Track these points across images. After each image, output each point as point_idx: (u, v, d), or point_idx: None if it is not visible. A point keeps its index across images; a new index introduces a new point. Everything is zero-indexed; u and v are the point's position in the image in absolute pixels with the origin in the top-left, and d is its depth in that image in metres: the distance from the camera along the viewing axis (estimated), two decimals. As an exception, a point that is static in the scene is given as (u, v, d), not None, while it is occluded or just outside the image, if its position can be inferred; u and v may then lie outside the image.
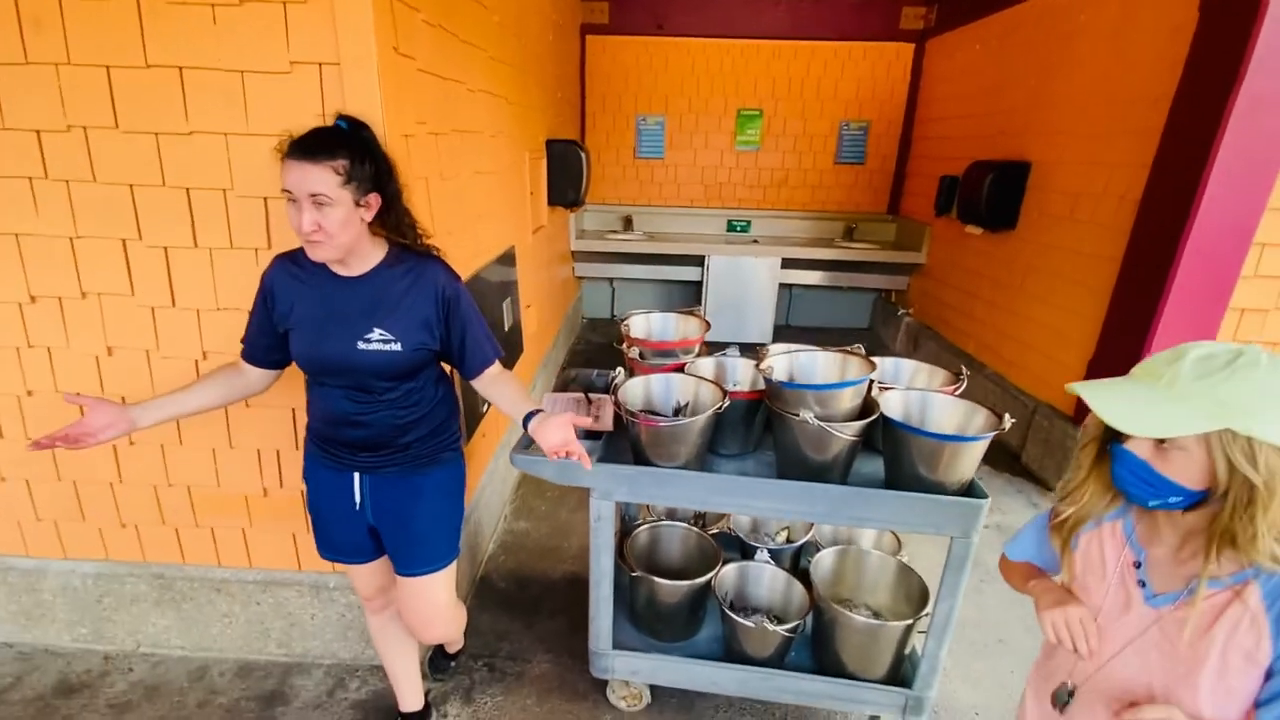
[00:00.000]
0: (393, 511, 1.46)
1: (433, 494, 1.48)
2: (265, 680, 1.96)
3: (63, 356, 1.73)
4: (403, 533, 1.47)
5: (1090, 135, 3.17)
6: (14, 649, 2.03)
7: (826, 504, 1.56)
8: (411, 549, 1.47)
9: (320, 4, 1.41)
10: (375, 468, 1.43)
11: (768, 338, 5.34)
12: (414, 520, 1.46)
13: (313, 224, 1.19)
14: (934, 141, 5.00)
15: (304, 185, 1.17)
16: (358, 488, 1.44)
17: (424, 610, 1.52)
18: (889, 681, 1.74)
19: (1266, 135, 2.45)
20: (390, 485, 1.44)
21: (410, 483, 1.45)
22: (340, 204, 1.20)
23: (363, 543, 1.51)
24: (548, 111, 3.86)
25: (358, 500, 1.45)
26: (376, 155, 1.28)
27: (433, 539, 1.49)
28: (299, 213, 1.19)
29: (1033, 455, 3.39)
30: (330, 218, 1.20)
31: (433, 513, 1.48)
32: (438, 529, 1.49)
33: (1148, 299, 2.74)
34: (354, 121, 1.30)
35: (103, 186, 1.56)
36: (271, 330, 1.36)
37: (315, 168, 1.17)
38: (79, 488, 1.87)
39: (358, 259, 1.32)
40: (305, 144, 1.19)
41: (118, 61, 1.46)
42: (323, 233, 1.20)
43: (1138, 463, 0.87)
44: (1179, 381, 0.83)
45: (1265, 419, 0.77)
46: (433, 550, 1.49)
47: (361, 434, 1.39)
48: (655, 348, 1.87)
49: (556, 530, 2.77)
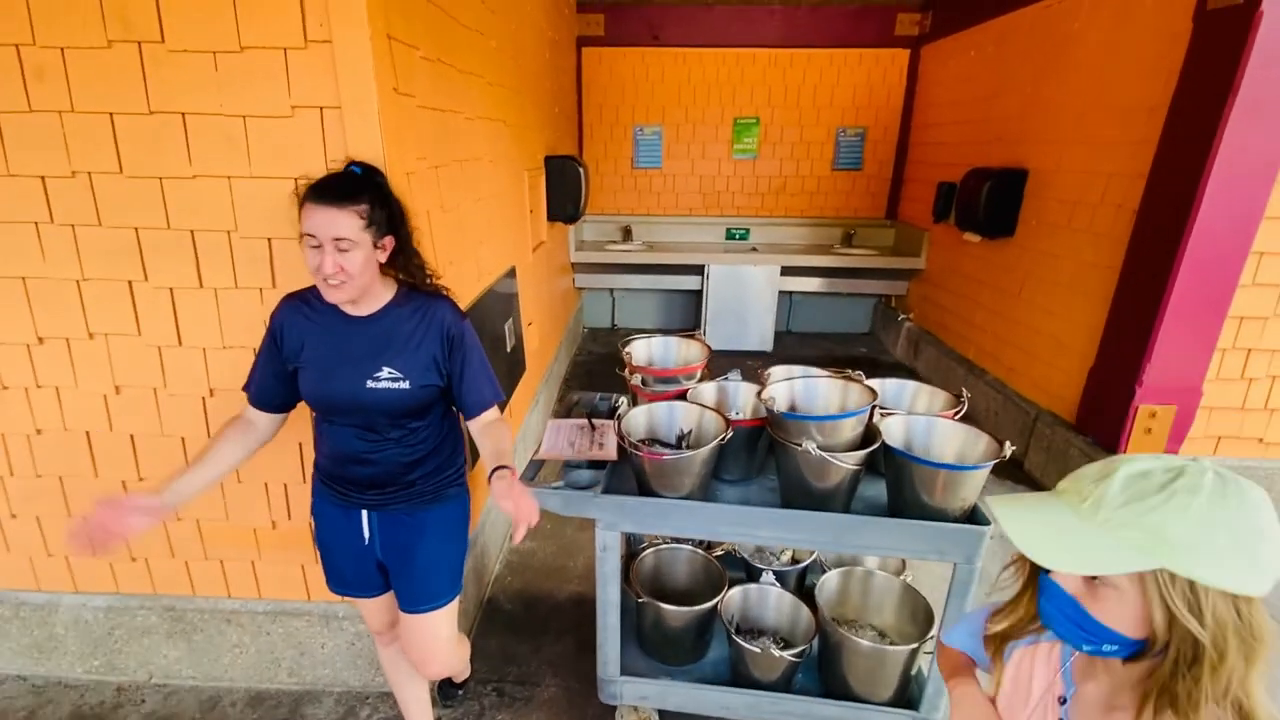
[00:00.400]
0: (398, 547, 1.47)
1: (436, 531, 1.49)
2: (277, 710, 1.98)
3: (71, 396, 1.74)
4: (406, 569, 1.49)
5: (1087, 143, 3.18)
6: (27, 682, 2.05)
7: (830, 532, 1.57)
8: (414, 586, 1.49)
9: (320, 50, 1.43)
10: (382, 505, 1.44)
11: (769, 345, 5.36)
12: (417, 557, 1.48)
13: (335, 266, 1.22)
14: (931, 148, 5.01)
15: (330, 229, 1.20)
16: (366, 524, 1.46)
17: (425, 646, 1.54)
18: (895, 704, 1.75)
19: (1262, 144, 2.46)
20: (397, 522, 1.46)
21: (415, 519, 1.47)
22: (361, 247, 1.24)
23: (372, 577, 1.53)
24: (545, 128, 3.87)
25: (366, 536, 1.47)
26: (390, 199, 1.32)
27: (435, 576, 1.50)
28: (320, 255, 1.21)
29: (1035, 462, 3.40)
30: (352, 261, 1.23)
31: (435, 550, 1.50)
32: (440, 566, 1.51)
33: (1147, 308, 2.75)
34: (367, 167, 1.33)
35: (108, 230, 1.58)
36: (280, 371, 1.38)
37: (341, 212, 1.21)
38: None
39: (369, 299, 1.35)
40: (329, 189, 1.23)
41: (121, 109, 1.48)
42: (344, 274, 1.23)
43: (1065, 599, 0.72)
44: (1104, 505, 0.68)
45: (1207, 558, 0.63)
46: (435, 587, 1.50)
47: (369, 471, 1.41)
48: (658, 375, 1.88)
49: (562, 549, 2.78)
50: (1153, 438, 2.83)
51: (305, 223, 1.22)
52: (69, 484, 1.84)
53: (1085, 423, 3.10)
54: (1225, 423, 2.87)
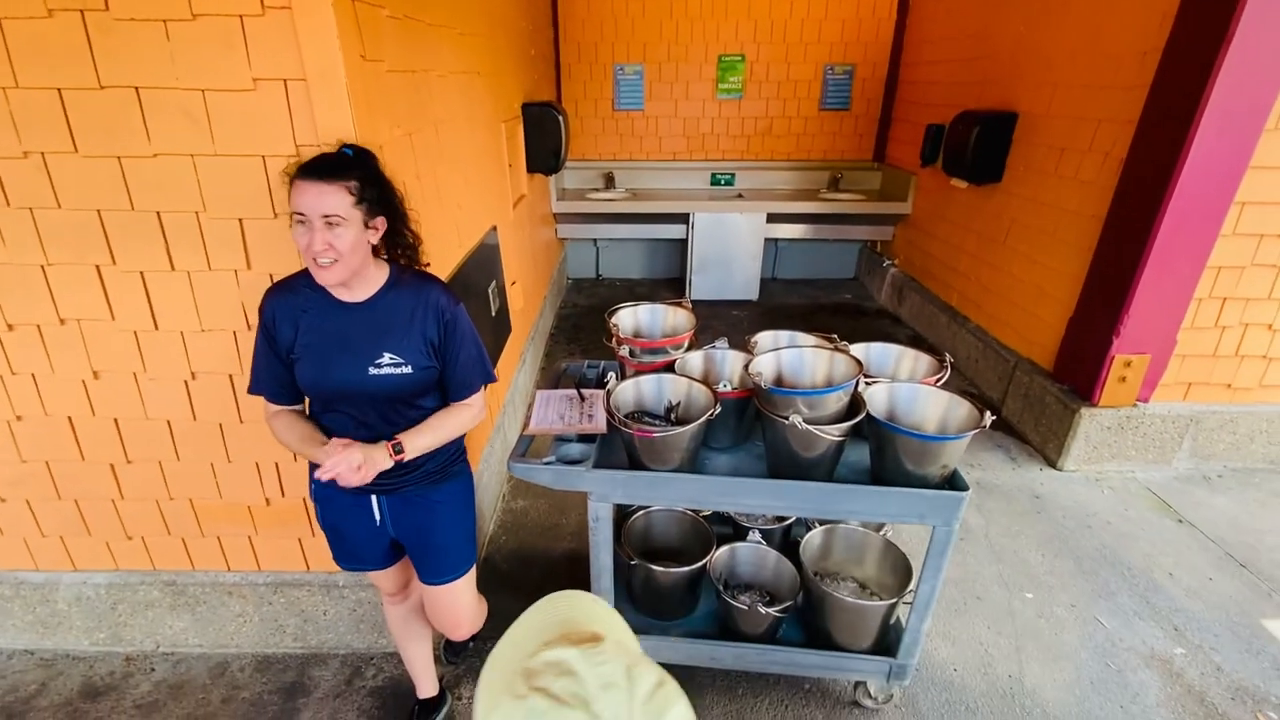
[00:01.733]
0: (412, 526, 1.51)
1: (447, 508, 1.53)
2: (285, 673, 2.05)
3: (49, 382, 1.71)
4: (424, 546, 1.53)
5: (1077, 87, 3.11)
6: (35, 655, 2.10)
7: (816, 500, 1.62)
8: (434, 560, 1.54)
9: (279, 17, 1.34)
10: (393, 489, 1.46)
11: (755, 294, 5.35)
12: (433, 534, 1.52)
13: (324, 244, 1.19)
14: (920, 87, 4.87)
15: (319, 206, 1.17)
16: (376, 508, 1.48)
17: (453, 613, 1.62)
18: (875, 651, 1.86)
19: (1253, 92, 2.43)
20: (407, 503, 1.49)
21: (426, 499, 1.50)
22: (352, 224, 1.21)
23: (385, 552, 1.57)
24: (521, 73, 3.70)
25: (378, 518, 1.49)
26: (382, 181, 1.29)
27: (453, 549, 1.56)
28: (309, 233, 1.19)
29: (1012, 409, 3.49)
30: (342, 239, 1.20)
31: (449, 525, 1.54)
32: (456, 539, 1.56)
33: (1129, 259, 2.77)
34: (358, 149, 1.28)
35: (69, 213, 1.51)
36: (281, 365, 1.34)
37: (330, 187, 1.18)
38: (80, 504, 1.90)
39: (361, 283, 1.32)
40: (318, 165, 1.20)
41: (69, 84, 1.39)
42: (334, 252, 1.20)
43: None
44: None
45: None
46: (455, 559, 1.56)
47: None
48: (645, 346, 1.88)
49: (555, 506, 2.85)
50: (1126, 386, 2.91)
51: (295, 200, 1.18)
52: (56, 468, 1.83)
53: (1063, 371, 3.17)
54: (1196, 370, 2.95)
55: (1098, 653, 2.14)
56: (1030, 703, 1.96)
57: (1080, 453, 3.05)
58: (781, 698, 1.98)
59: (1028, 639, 2.19)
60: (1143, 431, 3.00)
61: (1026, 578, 2.46)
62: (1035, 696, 1.98)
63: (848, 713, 1.93)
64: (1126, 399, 2.94)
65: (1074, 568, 2.51)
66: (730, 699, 1.98)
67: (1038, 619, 2.27)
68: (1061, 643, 2.17)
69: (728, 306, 5.28)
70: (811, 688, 2.01)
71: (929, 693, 1.99)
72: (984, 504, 2.86)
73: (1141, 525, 2.74)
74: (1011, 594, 2.39)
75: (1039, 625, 2.24)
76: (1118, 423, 2.98)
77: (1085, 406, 2.97)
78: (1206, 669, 2.07)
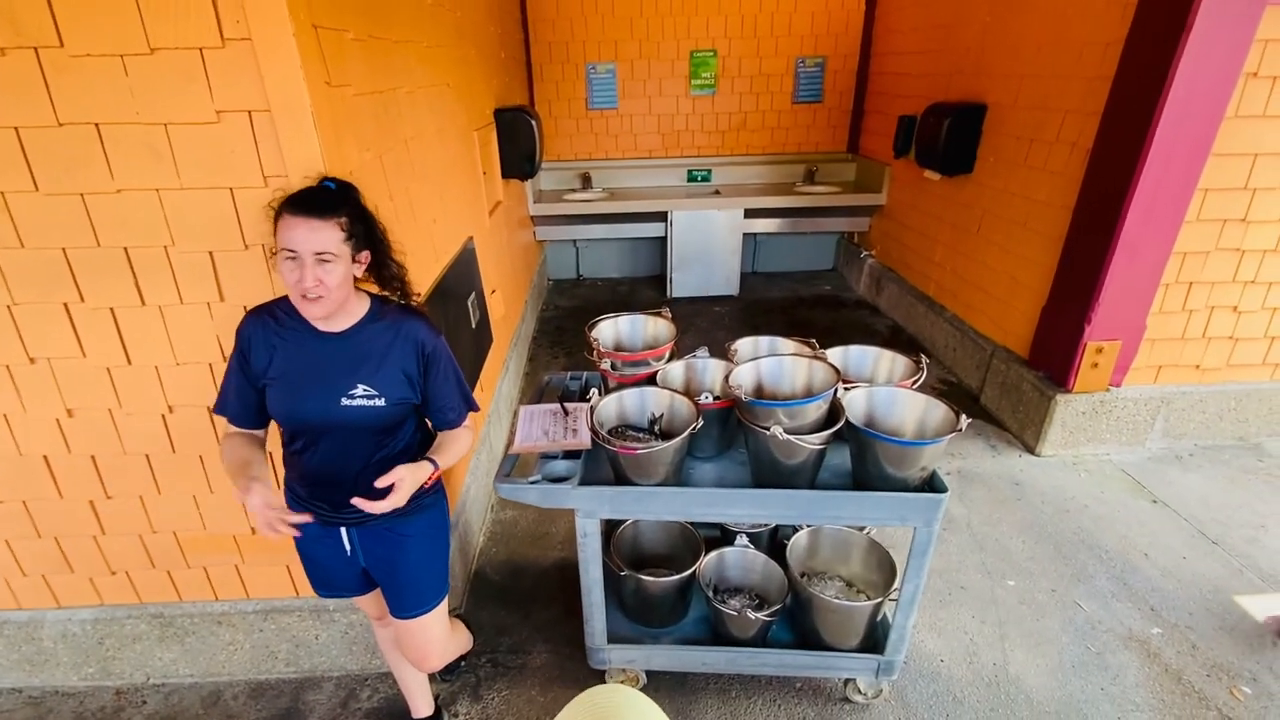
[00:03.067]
0: (381, 560, 1.50)
1: (416, 542, 1.52)
2: (279, 699, 2.05)
3: (21, 421, 1.68)
4: (392, 580, 1.52)
5: (1044, 79, 3.15)
6: (23, 694, 2.08)
7: (800, 507, 1.65)
8: (402, 594, 1.53)
9: (240, 48, 1.31)
10: (360, 521, 1.45)
11: (735, 289, 5.37)
12: (401, 569, 1.51)
13: (315, 280, 1.19)
14: (891, 78, 4.90)
15: (311, 242, 1.17)
16: (347, 539, 1.48)
17: (421, 646, 1.60)
18: (863, 649, 1.90)
19: (1213, 81, 2.48)
20: (376, 536, 1.48)
21: (395, 533, 1.49)
22: (342, 260, 1.22)
23: (358, 580, 1.57)
24: (493, 78, 3.67)
25: (349, 549, 1.49)
26: (365, 213, 1.29)
27: (421, 583, 1.54)
28: (299, 269, 1.18)
29: (990, 397, 3.55)
30: (332, 274, 1.21)
31: (419, 560, 1.53)
32: (425, 574, 1.55)
33: (1097, 247, 2.82)
34: (341, 182, 1.28)
35: (32, 252, 1.48)
36: (251, 390, 1.34)
37: (322, 224, 1.18)
38: (61, 542, 1.87)
39: (343, 314, 1.32)
40: (310, 201, 1.19)
41: (26, 122, 1.36)
42: (323, 288, 1.20)
43: None
44: None
45: None
46: (423, 593, 1.55)
47: (345, 492, 1.40)
48: (626, 359, 1.89)
49: (543, 515, 2.85)
50: (1099, 372, 2.98)
51: (284, 236, 1.17)
52: (34, 506, 1.80)
53: (1038, 359, 3.23)
54: (1166, 353, 3.02)
55: (1078, 636, 2.20)
56: (1015, 689, 2.02)
57: (1057, 438, 3.11)
58: (774, 697, 2.01)
59: (1011, 626, 2.25)
60: (1116, 415, 3.08)
61: (1008, 565, 2.52)
62: (1019, 683, 2.04)
63: (839, 709, 1.97)
64: (1099, 384, 3.01)
65: (1053, 552, 2.57)
66: (724, 701, 2.01)
67: (1020, 605, 2.33)
68: (1043, 628, 2.23)
69: (709, 303, 5.30)
70: (803, 686, 2.04)
71: (917, 685, 2.04)
72: (966, 493, 2.92)
73: (1117, 507, 2.81)
74: (994, 582, 2.44)
75: (1021, 611, 2.30)
76: (1092, 407, 3.05)
77: (1060, 393, 3.03)
78: (1183, 648, 2.14)
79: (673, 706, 1.98)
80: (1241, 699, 1.96)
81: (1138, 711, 1.93)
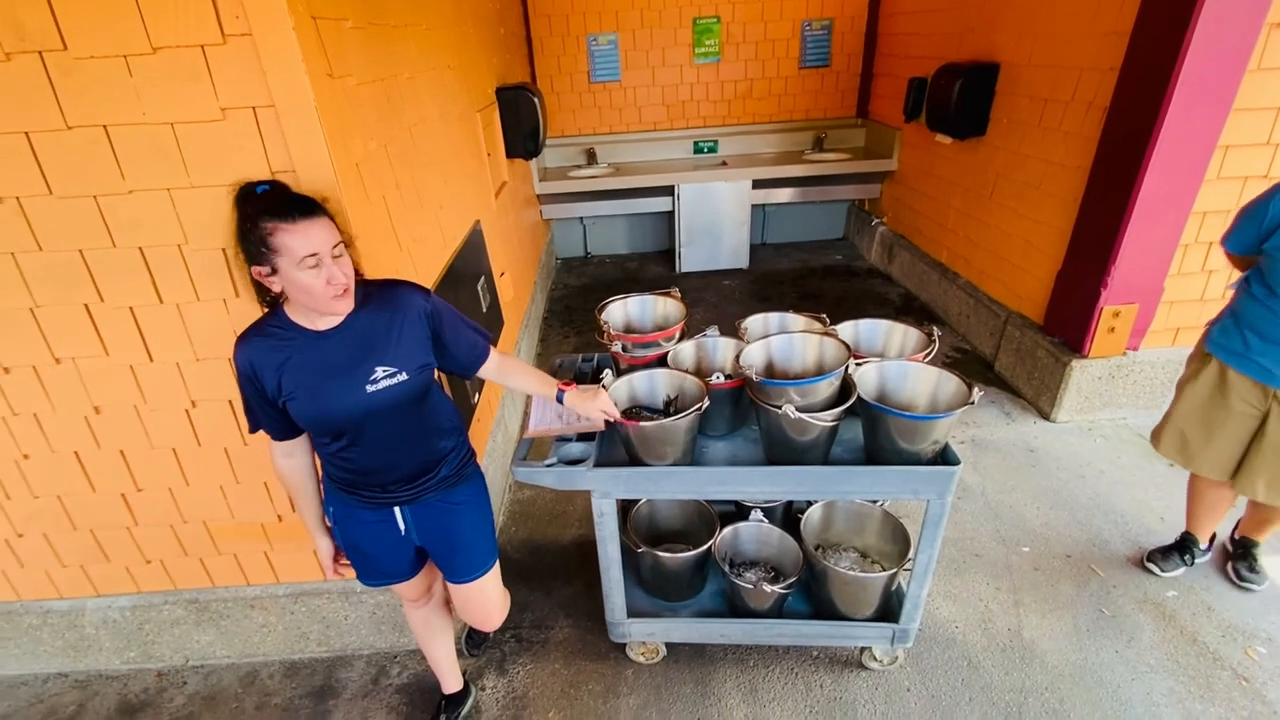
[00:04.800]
0: (437, 531, 1.55)
1: (469, 508, 1.58)
2: (313, 677, 2.13)
3: (51, 420, 1.73)
4: (451, 548, 1.58)
5: (1058, 36, 3.06)
6: (69, 678, 2.18)
7: (813, 483, 1.66)
8: (462, 559, 1.60)
9: (242, 44, 1.31)
10: (413, 498, 1.49)
11: (744, 261, 5.33)
12: (458, 535, 1.57)
13: (342, 274, 1.21)
14: (900, 39, 4.77)
15: (326, 241, 1.18)
16: (400, 518, 1.52)
17: (484, 608, 1.69)
18: (878, 619, 1.93)
19: (1234, 34, 2.40)
20: (429, 509, 1.53)
21: (447, 502, 1.54)
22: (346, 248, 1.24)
23: (411, 563, 1.62)
24: (493, 56, 3.62)
25: (402, 528, 1.53)
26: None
27: (478, 546, 1.61)
28: (326, 269, 1.18)
29: (1005, 364, 3.53)
30: (347, 263, 1.23)
31: (473, 524, 1.59)
32: (480, 537, 1.61)
33: (1114, 209, 2.77)
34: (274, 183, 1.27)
35: (51, 254, 1.51)
36: (275, 410, 1.33)
37: (324, 219, 1.20)
38: (97, 534, 1.94)
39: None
40: (301, 204, 1.19)
41: (36, 126, 1.37)
42: (347, 278, 1.23)
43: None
44: None
45: None
46: (480, 556, 1.62)
47: (399, 472, 1.45)
48: (636, 341, 1.90)
49: (561, 495, 2.90)
50: (1115, 336, 2.94)
51: (296, 244, 1.14)
52: (68, 501, 1.87)
53: (1053, 324, 3.20)
54: (1184, 315, 2.98)
55: (1092, 600, 2.22)
56: (1029, 654, 2.05)
57: (1073, 404, 3.10)
58: (791, 666, 2.06)
59: (1025, 592, 2.27)
60: (1133, 379, 3.05)
61: (1023, 532, 2.53)
62: (1034, 648, 2.07)
63: (855, 675, 2.02)
64: (1116, 349, 2.98)
65: (1068, 518, 2.58)
66: (742, 670, 2.06)
67: (1034, 571, 2.35)
68: (1058, 593, 2.26)
69: (719, 276, 5.27)
70: (820, 654, 2.09)
71: (932, 651, 2.07)
72: (980, 461, 2.93)
73: (1133, 471, 2.80)
74: (1009, 549, 2.46)
75: (1035, 578, 2.32)
76: (1108, 372, 3.02)
77: (1076, 358, 3.00)
78: (1198, 610, 2.16)
79: (692, 676, 2.04)
80: (1256, 659, 1.98)
81: (1152, 674, 1.96)
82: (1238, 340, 1.92)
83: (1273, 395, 1.88)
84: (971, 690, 1.95)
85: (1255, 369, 1.88)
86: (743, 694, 1.98)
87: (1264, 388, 1.89)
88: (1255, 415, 1.93)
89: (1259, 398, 1.91)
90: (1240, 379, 1.92)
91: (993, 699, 1.92)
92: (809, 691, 1.98)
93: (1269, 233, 1.81)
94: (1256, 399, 1.91)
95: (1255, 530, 2.25)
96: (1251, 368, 1.89)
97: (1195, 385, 2.04)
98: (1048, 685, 1.95)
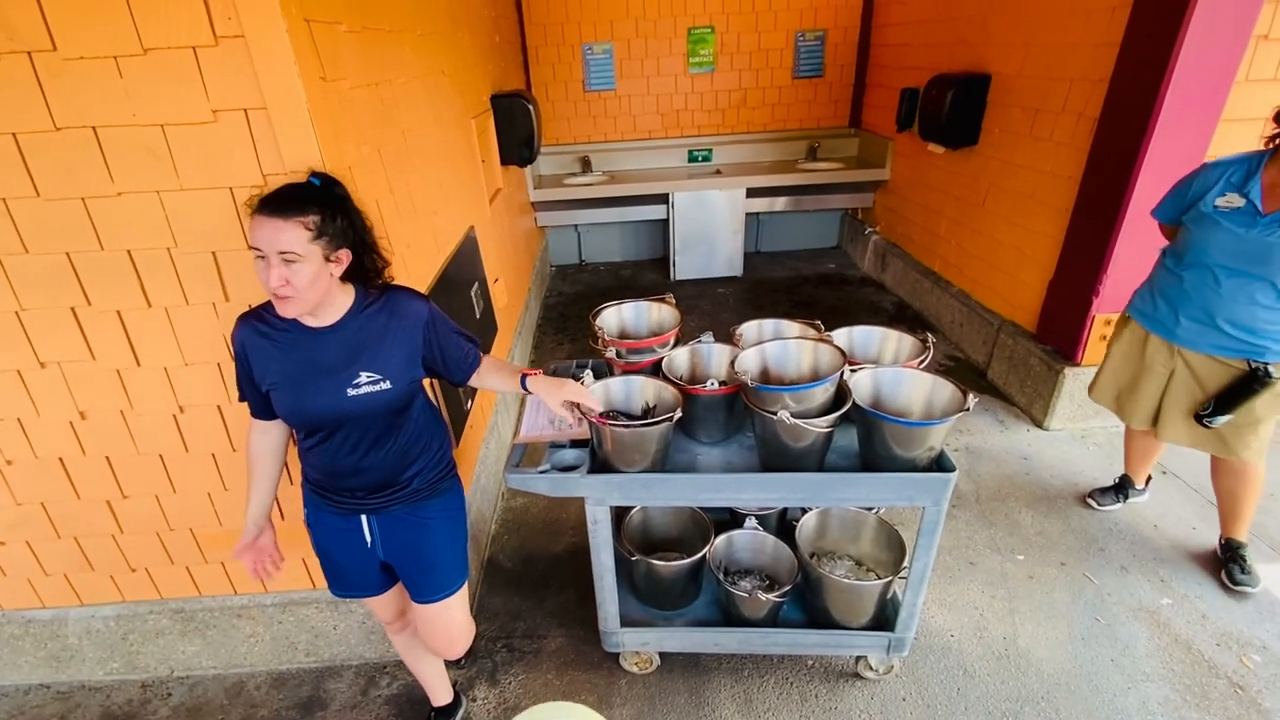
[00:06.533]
0: (403, 546, 1.52)
1: (438, 525, 1.54)
2: (300, 688, 2.09)
3: (35, 425, 1.70)
4: (415, 565, 1.54)
5: (1048, 46, 3.09)
6: (51, 690, 2.13)
7: (808, 490, 1.65)
8: (425, 579, 1.55)
9: (234, 46, 1.30)
10: (382, 508, 1.47)
11: (739, 269, 5.35)
12: (424, 552, 1.53)
13: (281, 279, 1.18)
14: (893, 49, 4.81)
15: (274, 243, 1.16)
16: (367, 528, 1.49)
17: (445, 632, 1.62)
18: (873, 627, 1.92)
19: (1223, 46, 2.43)
20: (397, 522, 1.49)
21: (416, 516, 1.50)
22: (309, 260, 1.19)
23: (376, 577, 1.58)
24: (488, 63, 3.63)
25: (368, 540, 1.50)
26: (350, 211, 1.27)
27: (444, 566, 1.56)
28: (267, 269, 1.17)
29: (998, 372, 3.54)
30: (299, 274, 1.19)
31: (440, 543, 1.54)
32: (447, 556, 1.56)
33: (1105, 218, 2.79)
34: (326, 178, 1.26)
35: (37, 257, 1.49)
36: (257, 390, 1.35)
37: (285, 224, 1.16)
38: (81, 541, 1.90)
39: (328, 310, 1.31)
40: (275, 200, 1.17)
41: (23, 128, 1.35)
42: (290, 288, 1.19)
43: None
44: None
45: None
46: (445, 577, 1.56)
47: (364, 480, 1.43)
48: (631, 346, 1.89)
49: (554, 502, 2.88)
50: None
51: (251, 235, 1.17)
52: (52, 508, 1.83)
53: (1045, 333, 3.21)
54: (1175, 323, 2.99)
55: (1087, 608, 2.21)
56: (1025, 662, 2.04)
57: (1065, 412, 3.10)
58: (786, 675, 2.04)
59: (1020, 600, 2.26)
60: (1125, 387, 3.06)
61: (1018, 539, 2.53)
62: (1029, 656, 2.06)
63: (851, 685, 2.00)
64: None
65: (1062, 526, 2.58)
66: (737, 680, 2.04)
67: (1029, 579, 2.34)
68: (1053, 601, 2.25)
69: (713, 284, 5.28)
70: (815, 663, 2.07)
71: (928, 660, 2.06)
72: (974, 469, 2.92)
73: (1127, 480, 2.81)
74: (1004, 557, 2.45)
75: (1030, 586, 2.32)
76: (1101, 380, 3.02)
77: (1069, 366, 3.01)
78: (1193, 617, 2.15)
79: (686, 686, 2.02)
80: (1251, 666, 1.98)
81: (1148, 682, 1.95)
82: (1150, 304, 2.18)
83: (1177, 352, 2.10)
84: (967, 700, 1.93)
85: (1162, 329, 2.13)
86: (737, 704, 1.96)
87: (1171, 346, 2.11)
88: (1165, 371, 2.16)
89: (1167, 355, 2.14)
90: (1153, 339, 2.17)
91: (988, 708, 1.91)
92: (804, 702, 1.96)
93: (1188, 206, 2.03)
94: (1165, 356, 2.14)
95: (1230, 528, 2.28)
96: (1159, 328, 2.14)
97: (1119, 345, 2.31)
98: (1043, 694, 1.93)
